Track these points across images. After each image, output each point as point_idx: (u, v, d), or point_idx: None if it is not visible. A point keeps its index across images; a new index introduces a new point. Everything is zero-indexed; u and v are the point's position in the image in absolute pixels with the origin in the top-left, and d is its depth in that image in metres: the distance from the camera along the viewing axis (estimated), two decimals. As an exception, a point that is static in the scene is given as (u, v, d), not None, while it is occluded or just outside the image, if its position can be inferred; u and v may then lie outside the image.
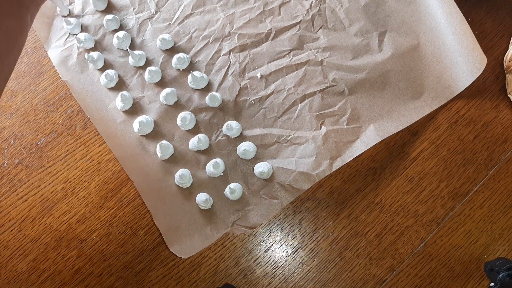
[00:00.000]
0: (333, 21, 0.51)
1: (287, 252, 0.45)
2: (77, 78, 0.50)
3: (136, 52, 0.49)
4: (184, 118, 0.47)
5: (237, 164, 0.47)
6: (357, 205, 0.46)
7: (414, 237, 0.45)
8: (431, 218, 0.46)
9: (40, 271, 0.44)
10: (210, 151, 0.47)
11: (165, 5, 0.52)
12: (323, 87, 0.49)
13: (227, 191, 0.45)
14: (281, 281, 0.44)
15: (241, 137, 0.48)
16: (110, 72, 0.48)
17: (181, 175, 0.45)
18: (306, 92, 0.49)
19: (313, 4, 0.51)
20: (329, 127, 0.47)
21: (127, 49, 0.50)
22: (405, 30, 0.50)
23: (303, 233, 0.45)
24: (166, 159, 0.47)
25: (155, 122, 0.48)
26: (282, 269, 0.45)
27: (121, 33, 0.49)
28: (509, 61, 0.48)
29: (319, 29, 0.51)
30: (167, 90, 0.48)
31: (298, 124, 0.48)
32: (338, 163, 0.46)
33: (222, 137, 0.48)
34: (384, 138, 0.46)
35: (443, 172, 0.47)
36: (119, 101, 0.48)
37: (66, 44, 0.51)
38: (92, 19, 0.52)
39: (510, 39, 0.51)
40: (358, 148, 0.46)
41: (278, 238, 0.46)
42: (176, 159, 0.47)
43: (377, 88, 0.49)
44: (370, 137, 0.46)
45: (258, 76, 0.49)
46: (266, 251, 0.45)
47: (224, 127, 0.47)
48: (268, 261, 0.45)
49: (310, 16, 0.51)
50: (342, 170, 0.47)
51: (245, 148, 0.46)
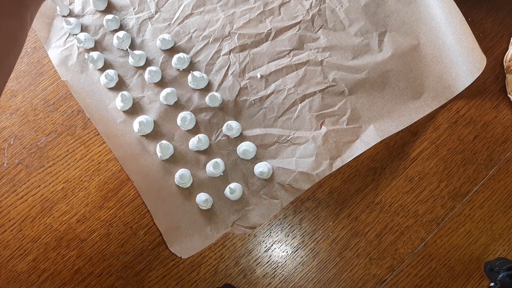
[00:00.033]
0: (333, 21, 0.51)
1: (287, 252, 0.45)
2: (77, 78, 0.50)
3: (136, 52, 0.49)
4: (184, 118, 0.47)
5: (237, 164, 0.47)
6: (357, 205, 0.46)
7: (414, 237, 0.45)
8: (431, 218, 0.46)
9: (40, 271, 0.44)
10: (210, 151, 0.47)
11: (165, 5, 0.52)
12: (323, 87, 0.49)
13: (227, 191, 0.45)
14: (281, 281, 0.44)
15: (241, 137, 0.48)
16: (110, 72, 0.48)
17: (181, 175, 0.45)
18: (306, 92, 0.49)
19: (313, 4, 0.51)
20: (329, 127, 0.47)
21: (127, 49, 0.50)
22: (405, 30, 0.50)
23: (303, 233, 0.45)
24: (166, 159, 0.47)
25: (155, 122, 0.48)
26: (282, 269, 0.45)
27: (121, 33, 0.49)
28: (509, 61, 0.48)
29: (319, 29, 0.51)
30: (167, 90, 0.48)
31: (298, 124, 0.48)
32: (338, 163, 0.46)
33: (222, 137, 0.48)
34: (384, 138, 0.46)
35: (443, 172, 0.47)
36: (119, 101, 0.48)
37: (66, 44, 0.51)
38: (92, 19, 0.52)
39: (510, 39, 0.51)
40: (358, 148, 0.46)
41: (278, 238, 0.45)
42: (176, 159, 0.47)
43: (377, 88, 0.49)
44: (370, 137, 0.46)
45: (258, 76, 0.49)
46: (266, 251, 0.45)
47: (224, 127, 0.47)
48: (268, 261, 0.45)
49: (310, 16, 0.51)
50: (342, 170, 0.47)
51: (245, 148, 0.46)
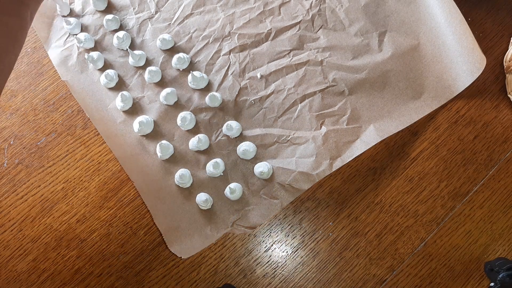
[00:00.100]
0: (333, 21, 0.51)
1: (287, 252, 0.45)
2: (77, 78, 0.50)
3: (136, 52, 0.49)
4: (184, 118, 0.47)
5: (237, 164, 0.47)
6: (357, 205, 0.46)
7: (414, 237, 0.45)
8: (431, 218, 0.46)
9: (40, 271, 0.44)
10: (210, 151, 0.47)
11: (165, 5, 0.52)
12: (323, 87, 0.49)
13: (227, 191, 0.45)
14: (281, 281, 0.44)
15: (241, 137, 0.48)
16: (110, 72, 0.48)
17: (181, 175, 0.45)
18: (306, 92, 0.49)
19: (313, 4, 0.51)
20: (329, 127, 0.47)
21: (127, 49, 0.50)
22: (405, 30, 0.50)
23: (303, 233, 0.45)
24: (166, 159, 0.47)
25: (155, 122, 0.48)
26: (282, 269, 0.45)
27: (121, 33, 0.49)
28: (509, 61, 0.48)
29: (319, 29, 0.51)
30: (167, 90, 0.48)
31: (298, 124, 0.48)
32: (338, 163, 0.46)
33: (222, 137, 0.48)
34: (384, 138, 0.46)
35: (443, 172, 0.47)
36: (119, 101, 0.48)
37: (66, 44, 0.51)
38: (92, 19, 0.52)
39: (510, 39, 0.51)
40: (358, 148, 0.46)
41: (278, 238, 0.45)
42: (176, 159, 0.47)
43: (377, 88, 0.49)
44: (370, 137, 0.46)
45: (258, 76, 0.49)
46: (266, 251, 0.45)
47: (224, 127, 0.47)
48: (268, 261, 0.45)
49: (310, 16, 0.51)
50: (342, 170, 0.47)
51: (245, 148, 0.46)
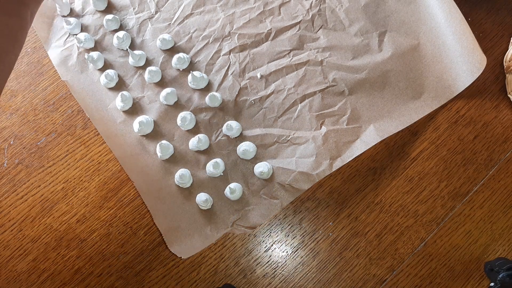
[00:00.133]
0: (333, 21, 0.51)
1: (287, 252, 0.45)
2: (77, 78, 0.50)
3: (136, 52, 0.49)
4: (184, 118, 0.47)
5: (237, 164, 0.47)
6: (357, 205, 0.46)
7: (414, 237, 0.45)
8: (431, 218, 0.46)
9: (40, 271, 0.44)
10: (210, 151, 0.47)
11: (165, 5, 0.52)
12: (323, 87, 0.49)
13: (227, 191, 0.45)
14: (281, 281, 0.44)
15: (241, 137, 0.48)
16: (110, 72, 0.48)
17: (181, 175, 0.45)
18: (306, 92, 0.49)
19: (313, 4, 0.51)
20: (329, 127, 0.47)
21: (127, 49, 0.50)
22: (405, 30, 0.50)
23: (303, 233, 0.45)
24: (166, 159, 0.47)
25: (155, 122, 0.48)
26: (282, 269, 0.45)
27: (121, 33, 0.49)
28: (509, 61, 0.48)
29: (319, 29, 0.51)
30: (167, 90, 0.48)
31: (298, 124, 0.48)
32: (338, 163, 0.46)
33: (222, 137, 0.48)
34: (384, 138, 0.46)
35: (443, 172, 0.47)
36: (119, 101, 0.48)
37: (66, 44, 0.51)
38: (92, 19, 0.52)
39: (510, 39, 0.51)
40: (358, 148, 0.46)
41: (278, 238, 0.45)
42: (176, 159, 0.47)
43: (377, 88, 0.49)
44: (370, 137, 0.46)
45: (258, 76, 0.49)
46: (266, 251, 0.45)
47: (224, 127, 0.47)
48: (268, 261, 0.45)
49: (310, 16, 0.51)
50: (342, 170, 0.47)
51: (245, 148, 0.46)
